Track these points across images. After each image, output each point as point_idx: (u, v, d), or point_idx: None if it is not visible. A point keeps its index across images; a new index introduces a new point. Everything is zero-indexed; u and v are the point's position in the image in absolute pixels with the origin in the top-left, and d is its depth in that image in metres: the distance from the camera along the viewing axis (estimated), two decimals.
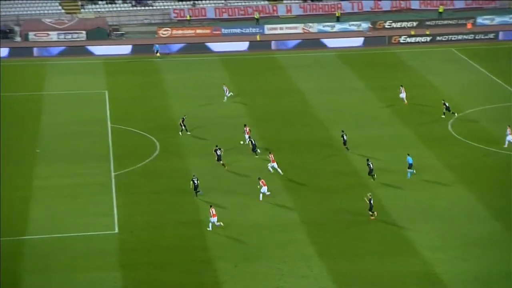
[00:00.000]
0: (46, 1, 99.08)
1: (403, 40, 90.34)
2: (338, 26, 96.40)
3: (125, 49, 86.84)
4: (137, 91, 73.66)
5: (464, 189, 53.09)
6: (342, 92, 72.65)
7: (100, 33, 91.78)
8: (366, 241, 46.68)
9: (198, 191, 51.57)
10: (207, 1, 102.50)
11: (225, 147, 57.94)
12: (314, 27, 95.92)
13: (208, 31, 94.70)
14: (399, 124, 64.80)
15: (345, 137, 58.98)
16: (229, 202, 51.19)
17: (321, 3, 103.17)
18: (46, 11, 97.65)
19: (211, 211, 47.68)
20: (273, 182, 53.67)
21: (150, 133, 62.32)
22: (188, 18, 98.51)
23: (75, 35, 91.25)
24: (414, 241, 46.58)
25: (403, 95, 69.02)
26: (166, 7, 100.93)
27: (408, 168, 54.66)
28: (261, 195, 51.23)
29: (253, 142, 58.37)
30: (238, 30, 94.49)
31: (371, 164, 54.30)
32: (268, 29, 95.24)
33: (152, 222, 48.72)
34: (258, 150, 58.15)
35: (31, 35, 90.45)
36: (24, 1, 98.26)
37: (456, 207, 50.76)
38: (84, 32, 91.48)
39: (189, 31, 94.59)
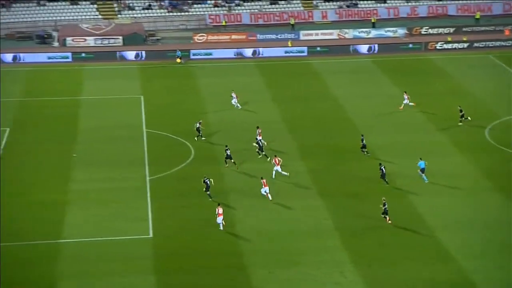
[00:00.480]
0: (84, 6, 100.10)
1: (440, 46, 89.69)
2: (373, 32, 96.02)
3: (160, 54, 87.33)
4: (172, 96, 74.02)
5: (501, 197, 52.53)
6: (377, 98, 72.29)
7: (136, 39, 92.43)
8: (402, 248, 46.37)
9: (209, 193, 52.09)
10: (243, 7, 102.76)
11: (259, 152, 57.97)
12: (350, 33, 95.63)
13: (243, 36, 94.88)
14: (435, 131, 64.32)
15: (364, 141, 59.08)
16: (263, 208, 51.16)
17: (356, 9, 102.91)
18: (83, 17, 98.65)
19: (217, 210, 48.07)
20: (306, 188, 53.59)
21: (185, 138, 62.56)
22: (223, 23, 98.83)
23: (111, 41, 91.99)
24: (450, 248, 46.16)
25: (406, 101, 68.60)
26: (202, 12, 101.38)
27: (422, 172, 54.59)
28: (264, 194, 51.70)
29: (260, 144, 58.60)
30: (273, 36, 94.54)
31: (383, 168, 54.29)
32: (304, 35, 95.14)
33: (187, 227, 48.87)
34: (263, 153, 58.30)
35: (69, 40, 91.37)
36: (63, 7, 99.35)
37: (493, 214, 50.23)
38: (120, 37, 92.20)
39: (224, 37, 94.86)
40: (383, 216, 49.10)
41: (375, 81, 78.46)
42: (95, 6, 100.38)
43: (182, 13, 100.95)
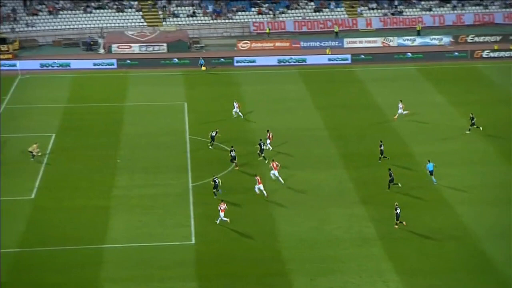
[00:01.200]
0: (129, 14, 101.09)
1: (486, 54, 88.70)
2: (418, 40, 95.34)
3: (204, 61, 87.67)
4: (216, 103, 74.26)
5: None
6: (421, 106, 71.61)
7: (180, 46, 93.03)
8: (445, 258, 45.85)
9: (218, 190, 52.97)
10: (287, 15, 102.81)
11: (303, 160, 57.87)
12: (394, 41, 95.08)
13: (287, 44, 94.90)
14: (480, 140, 63.52)
15: (382, 147, 59.06)
16: (305, 215, 51.03)
17: (401, 16, 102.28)
18: (129, 24, 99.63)
19: (220, 206, 49.17)
20: (349, 196, 53.37)
21: (228, 145, 62.67)
22: (267, 31, 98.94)
23: (156, 47, 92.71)
24: (494, 259, 45.52)
25: (400, 110, 67.99)
26: (246, 20, 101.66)
27: (430, 174, 54.67)
28: (256, 190, 53.07)
29: (262, 146, 59.45)
30: (317, 43, 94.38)
31: (392, 173, 54.42)
32: (348, 42, 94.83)
33: (228, 234, 48.93)
34: (263, 157, 59.10)
35: (114, 47, 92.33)
36: (109, 14, 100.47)
37: None
38: (165, 44, 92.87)
39: (268, 44, 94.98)
40: (397, 222, 49.01)
41: (419, 89, 77.83)
42: (141, 13, 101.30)
43: (226, 21, 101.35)
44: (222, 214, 49.36)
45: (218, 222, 49.62)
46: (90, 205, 52.52)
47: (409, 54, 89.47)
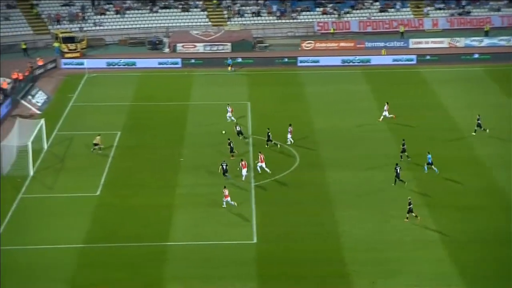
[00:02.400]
0: (194, 13, 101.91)
1: None
2: (486, 41, 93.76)
3: (268, 61, 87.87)
4: (279, 103, 74.29)
5: None
6: (487, 108, 70.33)
7: (244, 45, 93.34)
8: (510, 264, 44.93)
9: (226, 176, 55.57)
10: (352, 15, 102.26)
11: (365, 160, 57.56)
12: (461, 42, 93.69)
13: (351, 44, 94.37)
14: None
15: (405, 146, 58.85)
16: (368, 217, 50.66)
17: (469, 17, 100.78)
18: (194, 23, 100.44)
19: (224, 192, 51.09)
20: (412, 198, 52.81)
21: (290, 145, 62.64)
22: (332, 31, 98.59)
23: (220, 47, 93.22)
24: None
25: (385, 113, 66.96)
26: (310, 20, 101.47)
27: (427, 164, 56.26)
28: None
29: (270, 136, 61.61)
30: (381, 44, 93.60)
31: (398, 169, 54.24)
32: (413, 43, 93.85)
33: (290, 234, 48.89)
34: (272, 142, 61.29)
35: (179, 47, 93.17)
36: (174, 14, 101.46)
37: None
38: (229, 44, 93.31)
39: (332, 44, 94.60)
40: (408, 214, 49.24)
41: (485, 91, 76.56)
42: (206, 13, 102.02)
43: (291, 20, 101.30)
44: (228, 199, 51.30)
45: (224, 205, 51.38)
46: (154, 203, 53.09)
47: (476, 55, 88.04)
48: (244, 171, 55.99)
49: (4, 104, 70.87)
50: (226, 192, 51.86)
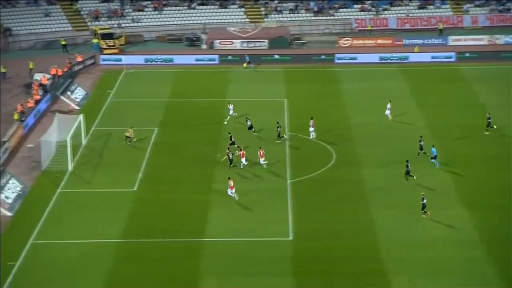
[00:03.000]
0: (232, 10, 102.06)
1: None
2: None
3: (305, 58, 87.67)
4: (316, 100, 74.12)
5: None
6: None
7: (281, 42, 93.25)
8: None
9: (234, 165, 56.74)
10: (390, 12, 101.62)
11: (401, 159, 57.21)
12: (501, 39, 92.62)
13: (389, 41, 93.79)
14: None
15: (421, 142, 58.62)
16: (406, 216, 50.31)
17: (509, 14, 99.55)
18: (231, 20, 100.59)
19: (229, 183, 51.78)
20: (451, 197, 52.41)
21: (327, 143, 62.50)
22: (369, 28, 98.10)
23: (257, 44, 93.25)
24: None
25: (387, 111, 66.31)
26: (348, 17, 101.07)
27: (432, 158, 56.44)
28: (241, 164, 57.26)
29: (279, 131, 62.36)
30: (419, 41, 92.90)
31: (408, 165, 54.31)
32: (452, 40, 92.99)
33: (326, 231, 48.76)
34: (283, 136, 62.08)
35: (216, 43, 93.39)
36: (212, 10, 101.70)
37: None
38: (266, 40, 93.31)
39: (369, 41, 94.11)
40: (423, 211, 48.96)
41: None
42: (243, 9, 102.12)
43: (328, 17, 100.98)
44: (233, 190, 52.04)
45: (232, 195, 52.18)
46: (190, 199, 53.30)
47: None
48: (243, 160, 57.11)
49: (43, 100, 71.66)
50: (231, 183, 52.18)
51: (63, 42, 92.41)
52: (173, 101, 74.10)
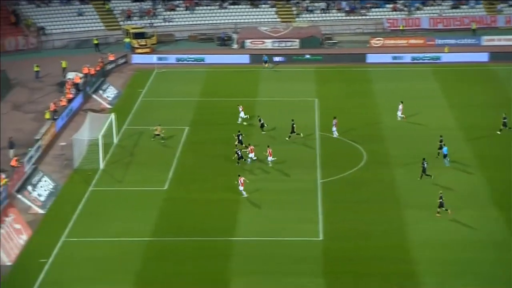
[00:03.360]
0: (263, 9, 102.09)
1: None
2: None
3: (336, 57, 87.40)
4: (347, 100, 73.89)
5: None
6: None
7: (313, 42, 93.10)
8: None
9: (243, 160, 57.63)
10: (423, 11, 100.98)
11: (433, 159, 56.84)
12: None
13: (421, 41, 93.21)
14: None
15: (442, 143, 58.30)
16: (437, 217, 49.96)
17: None
18: (263, 19, 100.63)
19: (239, 181, 52.44)
20: (483, 198, 51.92)
21: (358, 143, 62.27)
22: (401, 28, 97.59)
23: (288, 43, 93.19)
24: None
25: (399, 112, 65.91)
26: (380, 16, 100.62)
27: (443, 157, 56.63)
28: (248, 160, 58.12)
29: (294, 127, 62.45)
30: (452, 41, 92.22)
31: (425, 164, 53.98)
32: (485, 40, 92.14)
33: (357, 231, 48.59)
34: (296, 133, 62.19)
35: (247, 43, 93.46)
36: (243, 10, 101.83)
37: None
38: (297, 40, 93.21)
39: (401, 41, 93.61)
40: (439, 209, 48.91)
41: None
42: (275, 9, 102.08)
43: (360, 17, 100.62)
44: (242, 188, 52.48)
45: (242, 192, 52.88)
46: (220, 198, 53.39)
47: None
48: (251, 155, 57.94)
49: (76, 98, 72.25)
50: (242, 180, 52.54)
51: (96, 41, 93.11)
52: (204, 100, 74.30)
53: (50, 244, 47.21)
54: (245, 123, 66.22)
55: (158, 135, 63.07)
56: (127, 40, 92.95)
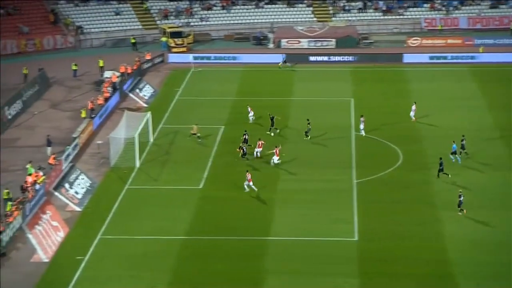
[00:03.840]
0: (300, 9, 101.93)
1: None
2: None
3: (373, 57, 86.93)
4: (383, 100, 73.48)
5: None
6: None
7: (349, 41, 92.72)
8: None
9: (246, 158, 58.34)
10: (461, 11, 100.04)
11: (469, 160, 56.25)
12: None
13: (459, 41, 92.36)
14: None
15: (464, 142, 58.16)
16: (472, 217, 49.46)
17: None
18: (299, 19, 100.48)
19: (247, 176, 52.39)
20: (496, 199, 51.33)
21: (394, 143, 61.89)
22: (439, 27, 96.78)
23: (324, 43, 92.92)
24: None
25: (412, 113, 65.17)
26: (417, 16, 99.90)
27: (451, 154, 56.49)
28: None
29: (309, 128, 62.68)
30: (491, 41, 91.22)
31: (442, 162, 54.24)
32: None
33: (392, 232, 48.32)
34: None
35: (283, 42, 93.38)
36: (279, 9, 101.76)
37: None
38: (333, 40, 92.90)
39: (439, 41, 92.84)
40: (459, 208, 48.67)
41: None
42: (311, 8, 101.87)
43: (397, 17, 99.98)
44: (250, 183, 52.73)
45: (246, 190, 53.09)
46: (256, 197, 53.41)
47: None
48: (258, 149, 58.75)
49: (113, 97, 72.80)
50: (249, 176, 52.65)
51: (133, 40, 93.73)
52: (240, 100, 74.35)
53: (86, 241, 47.62)
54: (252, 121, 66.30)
55: (194, 134, 63.33)
56: (163, 39, 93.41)
